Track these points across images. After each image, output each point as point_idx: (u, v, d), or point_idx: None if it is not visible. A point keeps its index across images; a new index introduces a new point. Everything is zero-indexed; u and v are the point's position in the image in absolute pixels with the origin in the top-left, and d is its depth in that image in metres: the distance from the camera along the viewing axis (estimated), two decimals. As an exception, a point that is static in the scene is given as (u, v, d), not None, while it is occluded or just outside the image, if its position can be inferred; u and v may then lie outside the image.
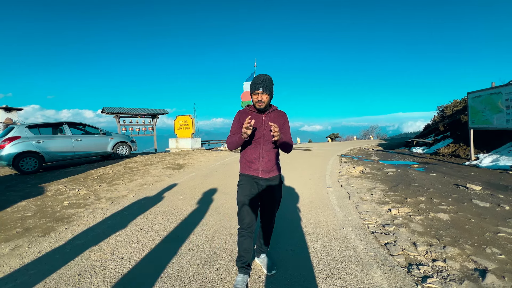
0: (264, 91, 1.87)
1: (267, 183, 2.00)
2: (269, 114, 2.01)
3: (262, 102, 1.90)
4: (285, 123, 2.08)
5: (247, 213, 1.96)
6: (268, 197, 2.03)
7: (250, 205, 1.96)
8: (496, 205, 3.68)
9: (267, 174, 1.99)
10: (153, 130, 15.69)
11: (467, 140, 8.45)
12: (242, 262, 1.97)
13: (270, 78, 1.93)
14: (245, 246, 1.96)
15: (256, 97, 1.90)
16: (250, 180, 2.00)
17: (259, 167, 1.99)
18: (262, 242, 2.19)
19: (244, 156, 2.06)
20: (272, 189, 2.02)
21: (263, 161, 1.99)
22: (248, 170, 2.02)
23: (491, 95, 7.18)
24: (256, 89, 1.88)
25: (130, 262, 2.34)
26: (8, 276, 2.15)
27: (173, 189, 5.08)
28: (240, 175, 2.09)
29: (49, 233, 3.01)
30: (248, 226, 1.96)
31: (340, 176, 6.31)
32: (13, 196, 4.64)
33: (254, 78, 1.92)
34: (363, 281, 2.03)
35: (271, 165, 2.01)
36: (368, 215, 3.47)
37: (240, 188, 2.02)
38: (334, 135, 32.62)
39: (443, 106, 15.42)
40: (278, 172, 2.07)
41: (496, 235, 2.75)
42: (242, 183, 2.03)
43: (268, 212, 2.07)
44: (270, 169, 2.00)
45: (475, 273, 2.09)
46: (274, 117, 2.01)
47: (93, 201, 4.32)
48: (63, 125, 8.23)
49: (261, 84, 1.87)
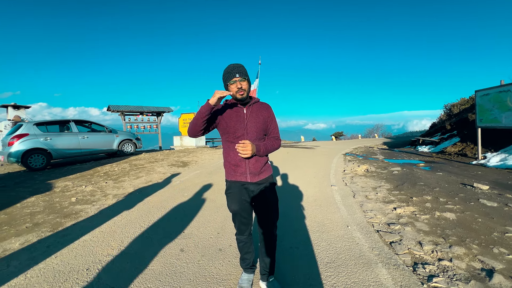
0: (242, 77, 1.65)
1: (258, 187, 1.76)
2: (251, 106, 1.76)
3: (242, 89, 1.65)
4: (270, 117, 1.81)
5: (241, 223, 1.82)
6: (261, 204, 1.78)
7: (243, 214, 1.79)
8: (504, 204, 3.63)
9: (256, 177, 1.74)
10: (157, 128, 15.80)
11: (475, 139, 8.31)
12: (246, 264, 1.95)
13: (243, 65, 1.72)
14: (246, 249, 1.91)
15: (234, 85, 1.65)
16: (239, 187, 1.75)
17: (246, 170, 1.72)
18: (266, 260, 1.87)
19: (227, 159, 1.78)
20: (265, 194, 1.77)
21: (249, 162, 1.72)
22: (234, 175, 1.75)
23: (500, 93, 7.05)
24: (232, 77, 1.64)
25: (136, 258, 2.38)
26: (19, 270, 2.20)
27: (178, 186, 5.12)
28: (227, 182, 1.82)
29: (57, 228, 3.07)
30: (245, 233, 1.86)
31: (344, 174, 6.28)
32: (22, 192, 4.74)
33: (225, 70, 1.70)
34: (368, 279, 2.03)
35: (260, 165, 1.75)
36: (373, 214, 3.45)
37: (229, 197, 1.80)
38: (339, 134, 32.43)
39: (450, 105, 15.20)
40: (269, 173, 1.83)
41: (504, 235, 2.71)
42: (230, 191, 1.79)
43: (265, 220, 1.81)
44: (259, 170, 1.75)
45: (482, 273, 2.07)
46: (257, 110, 1.77)
47: (100, 197, 4.38)
48: (70, 123, 8.35)
49: (237, 70, 1.64)
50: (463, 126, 10.86)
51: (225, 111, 1.74)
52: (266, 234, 1.83)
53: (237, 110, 1.74)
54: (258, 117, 1.76)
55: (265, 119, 1.78)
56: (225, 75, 1.68)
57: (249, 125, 1.73)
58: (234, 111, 1.74)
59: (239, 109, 1.74)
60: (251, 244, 1.94)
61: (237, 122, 1.72)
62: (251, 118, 1.74)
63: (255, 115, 1.75)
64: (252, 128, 1.73)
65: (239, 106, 1.75)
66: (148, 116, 15.56)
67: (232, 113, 1.73)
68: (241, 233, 1.87)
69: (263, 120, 1.77)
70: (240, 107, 1.75)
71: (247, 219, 1.83)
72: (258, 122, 1.75)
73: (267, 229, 1.82)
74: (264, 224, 1.82)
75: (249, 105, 1.76)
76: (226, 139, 1.78)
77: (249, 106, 1.75)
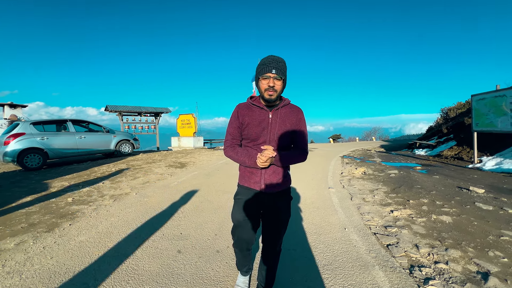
0: (278, 75, 1.38)
1: (271, 200, 1.56)
2: (278, 110, 1.50)
3: (274, 90, 1.40)
4: (299, 122, 1.55)
5: (241, 235, 1.61)
6: (272, 217, 1.59)
7: (247, 226, 1.58)
8: (499, 208, 3.66)
9: (271, 189, 1.54)
10: (155, 128, 15.75)
11: (471, 143, 8.40)
12: (243, 266, 1.87)
13: (284, 61, 1.46)
14: (243, 255, 1.77)
15: (266, 82, 1.40)
16: (250, 195, 1.57)
17: (261, 179, 1.53)
18: (264, 274, 1.72)
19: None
20: (278, 208, 1.58)
21: (266, 172, 1.52)
22: (247, 182, 1.57)
23: (496, 97, 7.14)
24: (267, 71, 1.37)
25: (133, 259, 2.37)
26: (14, 270, 2.18)
27: (176, 187, 5.10)
28: (238, 186, 1.66)
29: (53, 229, 3.04)
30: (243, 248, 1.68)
31: (342, 177, 6.30)
32: (18, 192, 4.69)
33: (264, 59, 1.43)
34: (365, 281, 2.04)
35: (277, 178, 1.54)
36: (370, 216, 3.47)
37: (237, 204, 1.61)
38: (336, 136, 32.55)
39: (446, 108, 15.35)
40: (287, 185, 1.61)
41: (499, 238, 2.74)
42: (239, 197, 1.61)
43: (272, 236, 1.63)
44: (276, 183, 1.54)
45: (478, 276, 2.09)
46: (284, 115, 1.50)
47: (97, 198, 4.35)
48: (67, 122, 8.30)
49: (275, 65, 1.37)
50: (460, 130, 10.96)
51: (249, 114, 1.51)
52: (269, 250, 1.68)
53: (261, 114, 1.49)
54: (285, 124, 1.50)
55: (293, 126, 1.52)
56: (260, 67, 1.42)
57: (272, 133, 1.49)
58: (257, 115, 1.49)
59: (264, 113, 1.49)
60: (249, 255, 1.80)
61: (260, 129, 1.49)
62: (277, 125, 1.49)
63: (281, 122, 1.49)
64: (275, 136, 1.49)
65: (264, 109, 1.49)
66: (146, 117, 15.51)
67: (255, 117, 1.50)
68: (238, 246, 1.69)
69: (290, 127, 1.51)
70: (266, 111, 1.49)
71: (249, 235, 1.61)
72: (284, 130, 1.50)
73: (271, 245, 1.66)
74: (270, 240, 1.65)
75: (276, 108, 1.50)
76: (246, 143, 1.58)
77: (276, 110, 1.50)
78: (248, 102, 1.55)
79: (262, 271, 1.74)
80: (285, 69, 1.44)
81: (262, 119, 1.49)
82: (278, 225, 1.60)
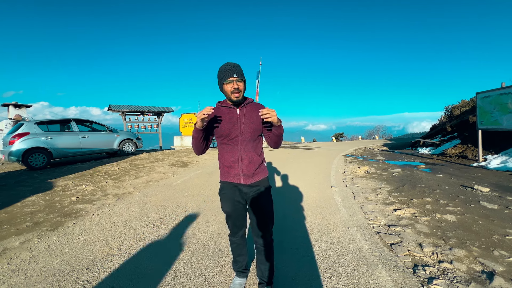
0: (239, 77, 1.61)
1: (251, 190, 1.73)
2: (244, 107, 1.71)
3: (238, 91, 1.62)
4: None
5: (234, 224, 1.83)
6: (255, 207, 1.76)
7: (236, 215, 1.79)
8: (504, 207, 3.62)
9: (250, 180, 1.71)
10: (158, 127, 15.81)
11: (475, 141, 8.31)
12: (239, 267, 1.94)
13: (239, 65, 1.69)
14: (239, 251, 1.91)
15: (231, 85, 1.61)
16: (231, 188, 1.75)
17: (239, 171, 1.70)
18: (262, 268, 1.84)
19: (221, 160, 1.79)
20: (258, 197, 1.74)
21: (242, 164, 1.70)
22: (227, 176, 1.75)
23: (501, 95, 7.05)
24: (229, 76, 1.59)
25: (137, 258, 2.38)
26: (19, 268, 2.21)
27: (178, 186, 5.12)
28: (220, 183, 1.83)
29: (57, 228, 3.07)
30: (238, 235, 1.87)
31: (345, 175, 6.28)
32: (22, 191, 4.75)
33: (222, 67, 1.65)
34: (368, 281, 2.03)
35: (253, 167, 1.72)
36: (373, 215, 3.45)
37: (222, 198, 1.80)
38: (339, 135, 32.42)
39: (450, 106, 15.18)
40: (264, 174, 1.78)
41: (505, 237, 2.71)
42: (223, 191, 1.79)
43: (259, 225, 1.77)
44: (253, 172, 1.71)
45: (483, 275, 2.07)
46: (250, 110, 1.72)
47: (100, 197, 4.39)
48: (71, 122, 8.36)
49: (234, 70, 1.61)
50: (464, 128, 10.85)
51: (218, 114, 1.70)
52: (260, 240, 1.81)
53: (230, 112, 1.70)
54: (252, 117, 1.70)
55: (259, 118, 1.70)
56: (221, 74, 1.63)
57: (243, 126, 1.69)
58: (227, 113, 1.70)
59: (232, 111, 1.70)
60: (244, 247, 1.93)
61: (231, 124, 1.69)
62: (245, 119, 1.69)
63: (249, 116, 1.70)
64: (246, 129, 1.69)
65: (232, 108, 1.70)
66: (149, 116, 15.58)
67: (225, 115, 1.70)
68: (234, 235, 1.88)
69: (256, 119, 1.70)
70: (233, 108, 1.70)
71: (240, 221, 1.83)
72: (252, 122, 1.70)
73: (260, 234, 1.79)
74: (257, 229, 1.78)
75: (242, 105, 1.71)
76: (221, 141, 1.76)
77: (242, 107, 1.71)
78: (217, 105, 1.77)
79: (260, 265, 1.85)
80: (242, 72, 1.67)
81: (231, 116, 1.70)
82: (261, 211, 1.76)
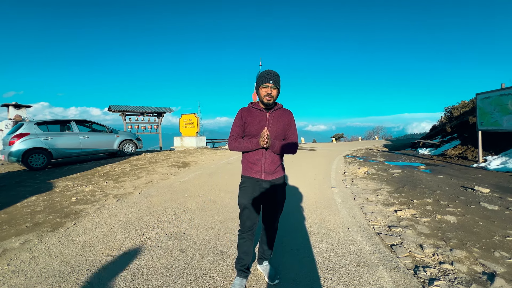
0: (274, 85, 1.79)
1: (270, 185, 1.93)
2: (273, 112, 1.91)
3: (271, 96, 1.80)
4: (290, 122, 1.96)
5: (248, 216, 1.93)
6: (270, 199, 1.96)
7: (251, 208, 1.92)
8: (505, 208, 3.62)
9: (270, 176, 1.91)
10: (158, 128, 15.82)
11: (475, 142, 8.31)
12: (241, 265, 1.97)
13: (278, 74, 1.87)
14: (245, 248, 1.96)
15: (265, 90, 1.81)
16: (253, 183, 1.93)
17: (262, 168, 1.90)
18: (265, 247, 2.11)
19: (246, 157, 1.96)
20: (275, 191, 1.95)
21: (265, 162, 1.89)
22: (250, 172, 1.93)
23: (501, 96, 7.06)
24: (266, 82, 1.78)
25: (137, 259, 2.37)
26: (19, 269, 2.20)
27: (178, 187, 5.12)
28: (242, 177, 2.00)
29: (57, 228, 3.06)
30: (249, 229, 1.95)
31: (345, 176, 6.27)
32: (22, 192, 4.74)
33: (263, 72, 1.85)
34: (369, 282, 2.03)
35: (274, 166, 1.92)
36: (374, 216, 3.45)
37: (242, 191, 1.96)
38: (339, 135, 32.41)
39: (450, 107, 15.19)
40: (281, 173, 2.00)
41: (505, 238, 2.71)
42: (244, 185, 1.95)
43: (271, 215, 2.00)
44: (273, 170, 1.92)
45: (483, 277, 2.06)
46: (278, 116, 1.92)
47: (100, 197, 4.38)
48: (71, 123, 8.36)
49: (272, 77, 1.79)
50: (464, 129, 10.86)
51: (250, 115, 1.91)
52: (268, 226, 2.05)
53: (260, 115, 1.90)
54: (279, 122, 1.90)
55: (285, 125, 1.92)
56: (260, 78, 1.83)
57: (270, 129, 1.87)
58: (257, 116, 1.90)
59: (263, 114, 1.89)
60: (251, 245, 1.97)
61: (259, 126, 1.88)
62: (272, 123, 1.88)
63: (276, 121, 1.89)
64: (272, 132, 1.87)
65: (262, 111, 1.89)
66: (149, 117, 15.58)
67: (255, 117, 1.89)
68: (244, 230, 1.96)
69: (283, 125, 1.91)
70: (263, 112, 1.89)
71: (254, 215, 1.94)
72: (278, 127, 1.89)
73: (270, 222, 2.02)
74: (269, 218, 2.01)
75: (272, 110, 1.90)
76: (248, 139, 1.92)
77: (272, 112, 1.90)
78: (250, 106, 1.96)
79: (263, 244, 2.11)
80: (279, 81, 1.84)
81: (261, 118, 1.89)
82: (276, 205, 1.98)
